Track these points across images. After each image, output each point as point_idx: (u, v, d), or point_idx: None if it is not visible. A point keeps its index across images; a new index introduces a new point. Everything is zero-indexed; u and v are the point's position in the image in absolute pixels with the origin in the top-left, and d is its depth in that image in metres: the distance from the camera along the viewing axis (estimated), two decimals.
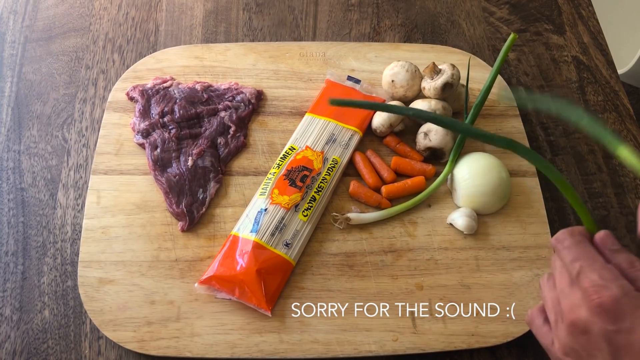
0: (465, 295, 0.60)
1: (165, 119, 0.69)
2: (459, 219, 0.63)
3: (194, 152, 0.67)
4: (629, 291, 0.36)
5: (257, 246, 0.59)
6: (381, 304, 0.60)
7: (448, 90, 0.68)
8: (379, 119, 0.69)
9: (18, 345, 0.58)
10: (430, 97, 0.69)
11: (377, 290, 0.60)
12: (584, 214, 0.43)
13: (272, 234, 0.60)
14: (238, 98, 0.72)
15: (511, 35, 0.64)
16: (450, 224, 0.64)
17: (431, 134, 0.67)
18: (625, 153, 0.40)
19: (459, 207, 0.65)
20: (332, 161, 0.66)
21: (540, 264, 0.63)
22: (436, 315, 0.59)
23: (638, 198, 0.70)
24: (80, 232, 0.63)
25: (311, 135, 0.68)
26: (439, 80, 0.67)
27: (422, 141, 0.68)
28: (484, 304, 0.60)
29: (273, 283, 0.58)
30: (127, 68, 0.76)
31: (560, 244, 0.41)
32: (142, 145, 0.68)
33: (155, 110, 0.70)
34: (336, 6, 0.85)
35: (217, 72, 0.75)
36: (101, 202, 0.64)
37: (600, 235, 0.41)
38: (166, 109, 0.70)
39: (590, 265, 0.39)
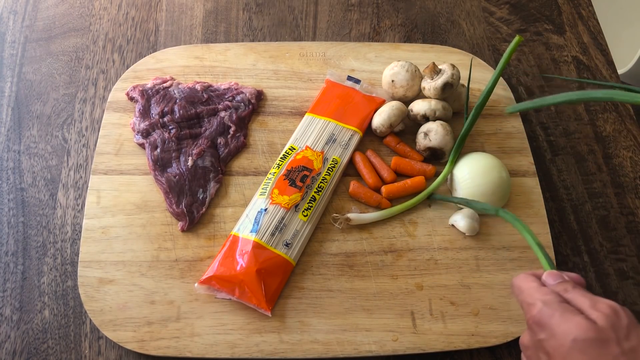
0: (465, 295, 0.60)
1: (165, 119, 0.69)
2: (461, 220, 0.63)
3: (194, 152, 0.67)
4: (550, 302, 0.42)
5: (257, 246, 0.59)
6: (381, 304, 0.60)
7: (448, 90, 0.68)
8: (379, 119, 0.69)
9: (18, 345, 0.58)
10: (430, 97, 0.69)
11: (377, 290, 0.60)
12: (540, 256, 0.50)
13: (272, 234, 0.60)
14: (238, 98, 0.72)
15: (516, 38, 0.62)
16: (452, 225, 0.64)
17: (431, 134, 0.67)
18: None
19: (460, 208, 0.65)
20: (332, 161, 0.66)
21: (540, 264, 0.62)
22: (436, 315, 0.59)
23: (638, 198, 0.70)
24: (80, 232, 0.63)
25: (311, 135, 0.68)
26: (439, 80, 0.67)
27: (422, 141, 0.68)
28: (484, 304, 0.60)
29: (273, 283, 0.58)
30: (127, 68, 0.76)
31: (513, 285, 0.48)
32: (142, 145, 0.68)
33: (155, 110, 0.70)
34: (336, 6, 0.85)
35: (217, 72, 0.75)
36: (101, 202, 0.64)
37: (545, 274, 0.47)
38: (166, 109, 0.70)
39: (525, 290, 0.45)
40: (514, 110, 0.59)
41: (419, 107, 0.69)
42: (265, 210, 0.61)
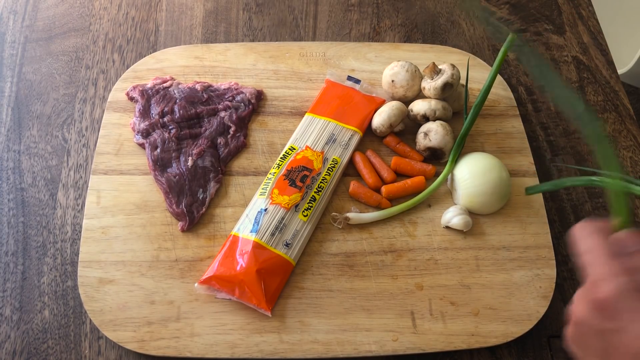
0: (465, 295, 0.60)
1: (165, 119, 0.69)
2: (455, 218, 0.63)
3: (194, 152, 0.67)
4: (627, 290, 0.35)
5: (257, 246, 0.59)
6: (381, 304, 0.60)
7: (448, 90, 0.68)
8: (379, 119, 0.69)
9: (18, 345, 0.58)
10: (430, 97, 0.69)
11: (377, 290, 0.60)
12: (621, 206, 0.40)
13: (272, 234, 0.60)
14: (238, 98, 0.72)
15: (509, 36, 0.63)
16: (447, 227, 0.64)
17: (431, 134, 0.67)
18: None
19: (449, 209, 0.65)
20: (332, 161, 0.66)
21: (540, 264, 0.63)
22: (436, 315, 0.59)
23: (638, 198, 0.70)
24: (80, 232, 0.63)
25: (311, 135, 0.68)
26: (439, 80, 0.67)
27: (422, 141, 0.68)
28: (484, 304, 0.60)
29: (273, 283, 0.58)
30: (127, 68, 0.76)
31: (578, 232, 0.40)
32: (142, 145, 0.68)
33: (155, 110, 0.70)
34: (336, 6, 0.85)
35: (217, 72, 0.75)
36: (101, 202, 0.64)
37: (621, 234, 0.39)
38: (166, 109, 0.70)
39: (595, 259, 0.38)
40: (534, 192, 0.62)
41: (419, 107, 0.69)
42: (265, 210, 0.61)
